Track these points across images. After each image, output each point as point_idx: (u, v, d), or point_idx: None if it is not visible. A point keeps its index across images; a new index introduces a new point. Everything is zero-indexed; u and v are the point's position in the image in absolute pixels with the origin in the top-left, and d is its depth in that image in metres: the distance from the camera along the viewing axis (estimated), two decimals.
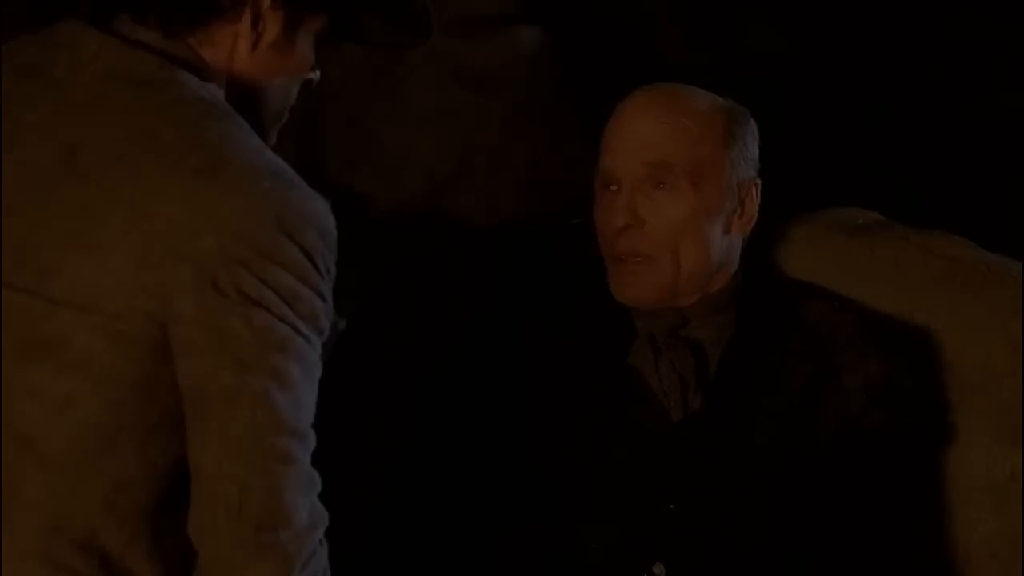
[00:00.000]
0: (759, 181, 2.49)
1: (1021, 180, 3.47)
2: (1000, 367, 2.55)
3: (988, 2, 3.49)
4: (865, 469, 2.43)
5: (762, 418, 2.41)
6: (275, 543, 1.73)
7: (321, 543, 1.78)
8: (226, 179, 1.73)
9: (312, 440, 1.77)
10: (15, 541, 1.75)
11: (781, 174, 2.52)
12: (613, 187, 2.44)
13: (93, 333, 1.73)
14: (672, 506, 2.39)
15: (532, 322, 2.53)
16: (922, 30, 3.52)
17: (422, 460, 2.52)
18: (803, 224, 2.69)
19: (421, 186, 3.02)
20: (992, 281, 2.60)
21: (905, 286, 2.61)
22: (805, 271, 2.63)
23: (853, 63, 3.53)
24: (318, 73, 1.96)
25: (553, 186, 3.06)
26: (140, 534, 1.77)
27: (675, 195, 2.41)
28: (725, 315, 2.47)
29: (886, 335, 2.50)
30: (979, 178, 3.48)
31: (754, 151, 2.49)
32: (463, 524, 2.46)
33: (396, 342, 2.72)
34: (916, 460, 2.52)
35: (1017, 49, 3.50)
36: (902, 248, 2.65)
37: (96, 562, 1.75)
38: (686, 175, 2.41)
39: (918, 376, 2.53)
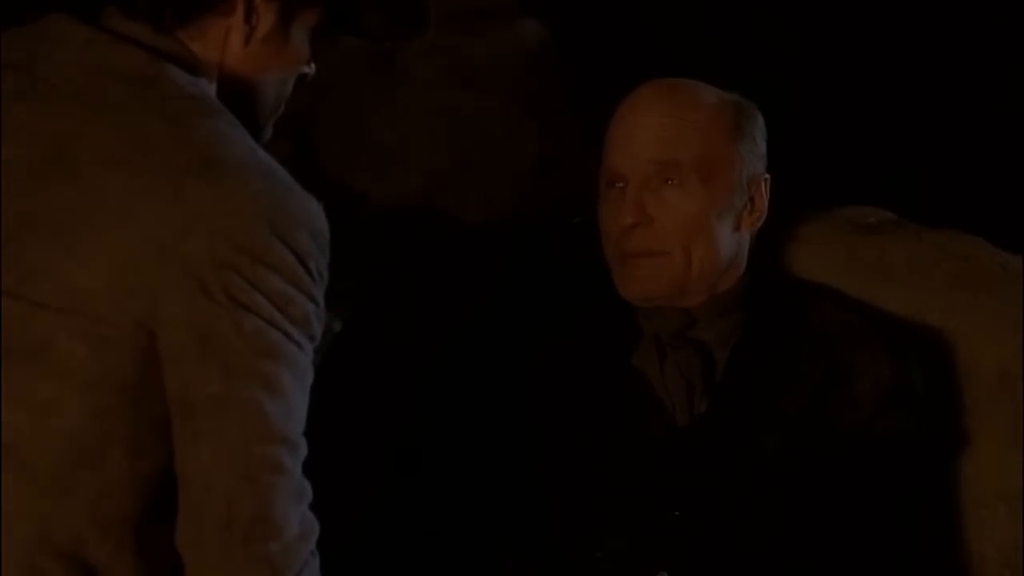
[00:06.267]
0: (768, 176, 2.47)
1: None
2: (1015, 370, 2.53)
3: None
4: (876, 475, 2.41)
5: (770, 423, 2.39)
6: (265, 554, 1.71)
7: (312, 554, 1.76)
8: (216, 179, 1.71)
9: (303, 449, 1.75)
10: None
11: (791, 171, 2.50)
12: (619, 184, 2.42)
13: (77, 337, 1.71)
14: (677, 513, 2.37)
15: (532, 323, 2.51)
16: (936, 23, 3.51)
17: (419, 466, 2.50)
18: (813, 223, 2.68)
19: (418, 184, 3.02)
20: (1008, 281, 2.58)
21: (918, 286, 2.59)
22: (814, 271, 2.61)
23: (864, 56, 3.52)
24: (313, 67, 1.94)
25: (554, 184, 3.05)
26: (125, 544, 1.75)
27: (685, 192, 2.39)
28: (732, 316, 2.45)
29: (898, 337, 2.48)
30: (994, 176, 3.47)
31: (762, 146, 2.48)
32: (462, 531, 2.44)
33: (392, 344, 2.71)
34: (928, 466, 2.49)
35: None
36: (915, 247, 2.63)
37: (80, 573, 1.73)
38: (695, 171, 2.39)
39: (931, 379, 2.50)
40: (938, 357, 2.55)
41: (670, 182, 2.39)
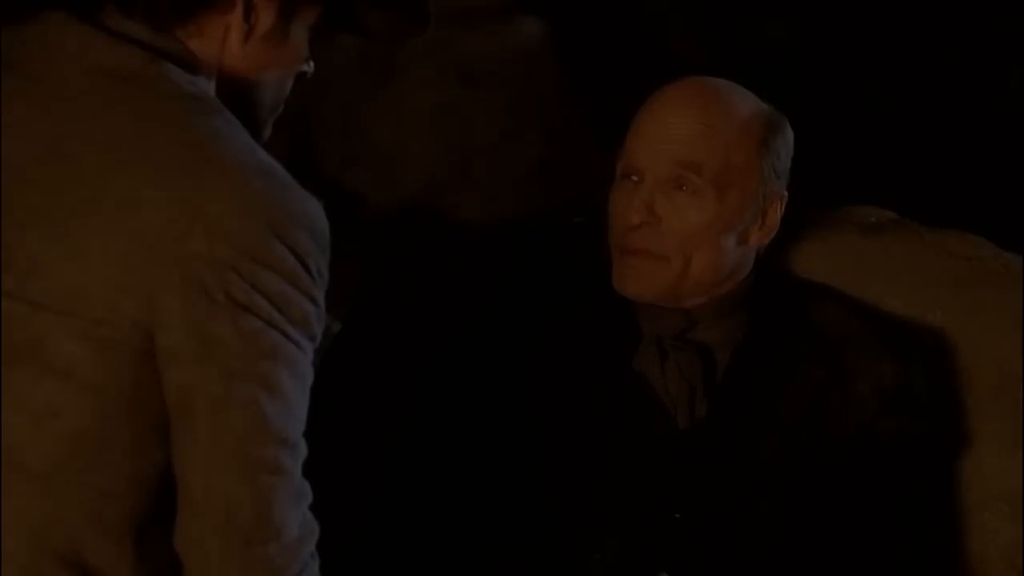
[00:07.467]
0: (785, 194, 2.45)
1: None
2: (1018, 370, 2.51)
3: None
4: (877, 477, 2.40)
5: (771, 425, 2.38)
6: (264, 557, 1.71)
7: (312, 556, 1.76)
8: (215, 179, 1.71)
9: (303, 450, 1.75)
10: None
11: (792, 171, 2.48)
12: (634, 177, 2.40)
13: (75, 339, 1.70)
14: (678, 515, 2.36)
15: (533, 324, 2.49)
16: (937, 23, 3.50)
17: (419, 467, 2.48)
18: (814, 222, 2.66)
19: (418, 184, 3.01)
20: (1010, 281, 2.56)
21: (920, 286, 2.58)
22: (816, 271, 2.59)
23: (865, 56, 3.51)
24: (312, 65, 1.93)
25: (554, 184, 3.04)
26: (125, 547, 1.74)
27: (697, 200, 2.37)
28: (734, 317, 2.43)
29: (900, 338, 2.47)
30: (996, 175, 3.46)
31: (786, 163, 2.45)
32: (461, 533, 2.43)
33: (392, 345, 2.70)
34: (930, 467, 2.49)
35: None
36: (917, 247, 2.62)
37: (79, 575, 1.72)
38: (712, 180, 2.37)
39: (933, 380, 2.49)
40: (940, 357, 2.54)
41: (684, 187, 2.37)
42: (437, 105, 3.01)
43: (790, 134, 2.45)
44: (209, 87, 1.82)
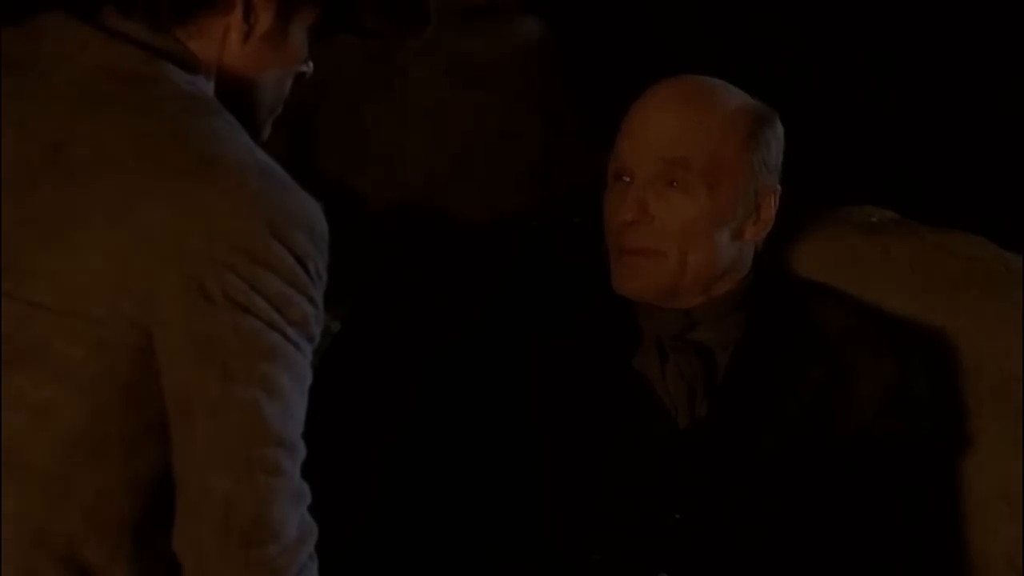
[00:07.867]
0: (779, 188, 2.45)
1: None
2: (1018, 370, 2.52)
3: None
4: (878, 477, 2.40)
5: (772, 425, 2.39)
6: (263, 558, 1.70)
7: (311, 557, 1.76)
8: (214, 179, 1.70)
9: (302, 451, 1.74)
10: None
11: (792, 170, 2.49)
12: (626, 178, 2.41)
13: (74, 338, 1.70)
14: (678, 515, 2.37)
15: (533, 324, 2.50)
16: (938, 22, 3.50)
17: (418, 468, 2.48)
18: (815, 222, 2.67)
19: (418, 183, 3.01)
20: (1011, 281, 2.57)
21: (921, 287, 2.59)
22: (817, 271, 2.60)
23: (865, 55, 3.51)
24: (311, 65, 1.93)
25: (554, 184, 3.04)
26: (123, 547, 1.74)
27: (688, 195, 2.38)
28: (734, 317, 2.44)
29: (901, 338, 2.47)
30: (996, 175, 3.46)
31: (778, 157, 2.46)
32: (461, 533, 2.43)
33: (391, 345, 2.70)
34: (931, 467, 2.49)
35: None
36: (918, 247, 2.62)
37: (77, 575, 1.72)
38: (702, 176, 2.38)
39: (934, 380, 2.49)
40: (941, 357, 2.54)
41: (675, 184, 2.38)
42: (437, 105, 3.01)
43: (780, 128, 2.46)
44: (208, 87, 1.82)
